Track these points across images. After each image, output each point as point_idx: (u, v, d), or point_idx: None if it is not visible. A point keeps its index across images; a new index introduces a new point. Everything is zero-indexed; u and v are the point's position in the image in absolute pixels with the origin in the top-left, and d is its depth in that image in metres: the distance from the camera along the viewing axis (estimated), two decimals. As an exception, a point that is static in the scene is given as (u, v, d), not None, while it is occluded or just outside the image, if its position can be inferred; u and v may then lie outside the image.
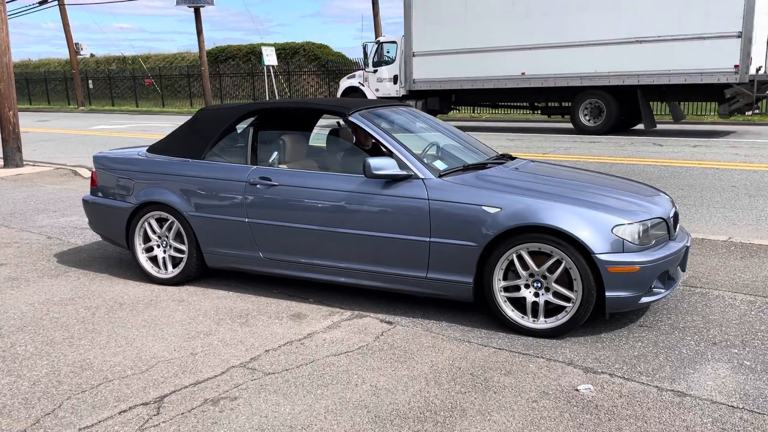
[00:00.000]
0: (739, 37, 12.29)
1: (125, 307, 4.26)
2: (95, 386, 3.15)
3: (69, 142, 16.25)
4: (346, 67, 30.69)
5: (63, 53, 30.89)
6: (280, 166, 4.53)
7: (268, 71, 27.44)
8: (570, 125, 16.32)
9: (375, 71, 18.53)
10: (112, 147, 14.47)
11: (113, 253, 5.62)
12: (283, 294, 4.47)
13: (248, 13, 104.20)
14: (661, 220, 3.70)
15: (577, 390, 3.02)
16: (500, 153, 4.80)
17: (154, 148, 4.93)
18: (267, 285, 4.66)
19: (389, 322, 3.93)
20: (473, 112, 24.09)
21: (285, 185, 4.21)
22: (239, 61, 37.54)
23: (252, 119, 4.63)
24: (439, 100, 17.53)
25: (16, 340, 3.72)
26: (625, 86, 14.12)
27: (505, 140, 14.07)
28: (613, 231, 3.47)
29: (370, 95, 18.55)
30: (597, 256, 3.42)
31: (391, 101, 5.02)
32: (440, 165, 4.10)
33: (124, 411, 2.92)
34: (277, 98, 28.53)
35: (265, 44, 29.56)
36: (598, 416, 2.80)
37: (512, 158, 4.68)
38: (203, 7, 28.15)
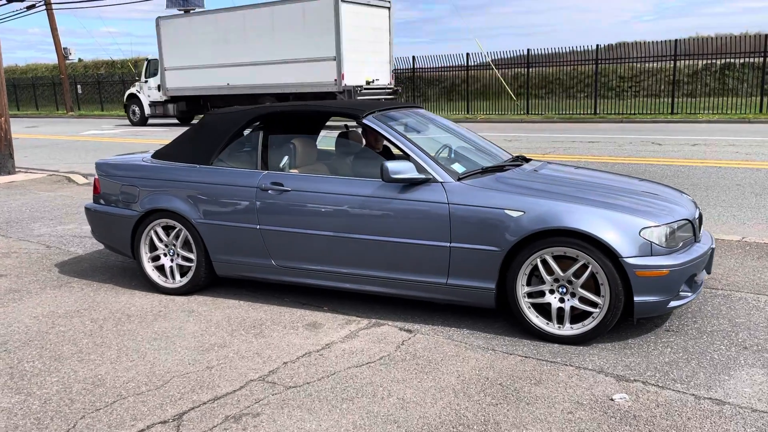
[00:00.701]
0: (334, 60, 18.54)
1: (133, 318, 4.12)
2: (110, 404, 3.02)
3: (60, 148, 16.02)
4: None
5: (50, 58, 30.77)
6: (290, 170, 4.41)
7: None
8: (552, 123, 16.26)
9: (146, 81, 24.48)
10: (105, 153, 14.34)
11: (116, 263, 5.47)
12: (295, 302, 4.35)
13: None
14: (687, 221, 3.62)
15: (612, 400, 2.92)
16: (515, 155, 4.71)
17: (159, 154, 4.80)
18: (278, 293, 4.53)
19: (408, 331, 3.82)
20: (468, 112, 24.06)
21: (298, 190, 4.09)
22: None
23: (261, 123, 4.51)
24: (186, 104, 23.00)
25: (22, 356, 3.57)
26: (281, 93, 20.04)
27: (503, 141, 14.00)
28: (641, 234, 3.38)
29: (145, 100, 24.43)
30: (625, 259, 3.33)
31: (400, 103, 4.91)
32: (458, 168, 4.00)
33: (143, 430, 2.79)
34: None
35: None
36: (638, 427, 2.70)
37: (527, 160, 4.59)
38: (194, 9, 27.91)
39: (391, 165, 3.73)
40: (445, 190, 3.75)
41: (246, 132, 4.57)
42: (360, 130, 4.73)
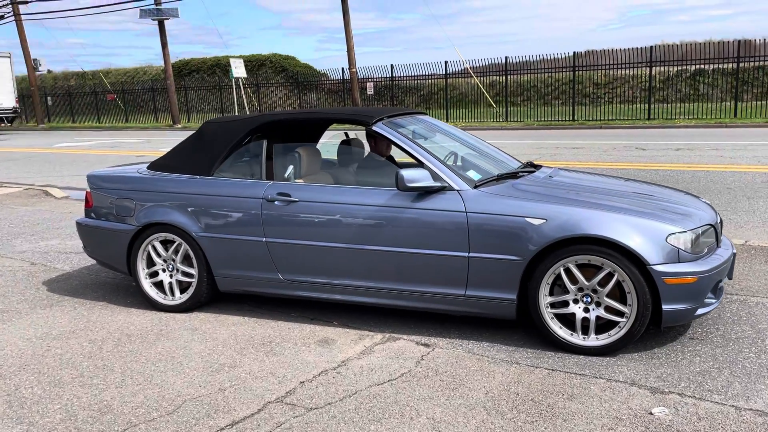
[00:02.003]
0: None
1: (134, 338, 3.90)
2: (120, 433, 2.82)
3: (34, 162, 15.55)
4: (314, 78, 30.42)
5: (16, 69, 30.28)
6: (296, 180, 4.25)
7: (237, 83, 26.98)
8: (532, 130, 16.33)
9: None
10: (81, 165, 13.94)
11: (107, 279, 5.23)
12: (303, 318, 4.18)
13: (214, 26, 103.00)
14: (710, 226, 3.55)
15: (651, 413, 2.82)
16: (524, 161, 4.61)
17: (156, 165, 4.59)
18: (283, 308, 4.36)
19: (426, 345, 3.68)
20: (447, 120, 24.08)
21: (307, 201, 3.93)
22: (204, 74, 36.89)
23: (263, 132, 4.34)
24: None
25: (19, 382, 3.34)
26: None
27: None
28: (668, 240, 3.30)
29: None
30: (653, 267, 3.24)
31: (405, 109, 4.79)
32: (474, 175, 3.88)
33: (160, 461, 2.59)
34: (248, 111, 28.04)
35: (232, 56, 29.08)
36: (683, 442, 2.59)
37: (536, 166, 4.50)
38: (167, 20, 27.55)
39: (406, 173, 3.60)
40: (462, 199, 3.62)
41: (248, 141, 4.39)
42: (366, 137, 4.58)
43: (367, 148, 4.81)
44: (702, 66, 22.28)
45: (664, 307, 3.28)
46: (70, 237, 6.78)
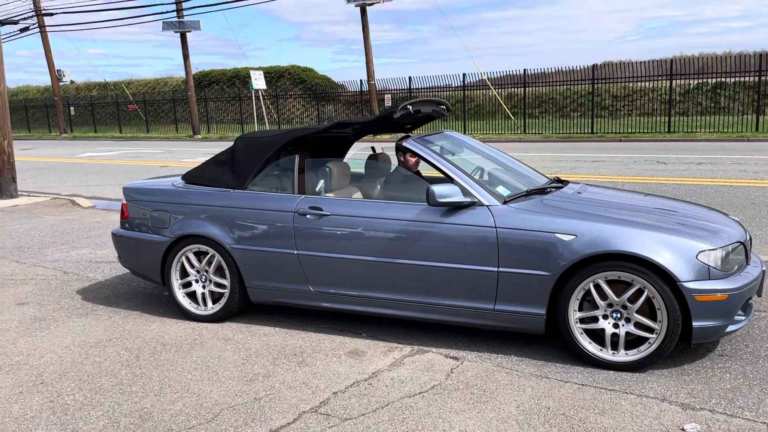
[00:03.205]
0: None
1: (169, 347, 4.00)
2: (161, 440, 2.90)
3: (59, 171, 15.86)
4: (332, 89, 30.68)
5: (40, 80, 30.77)
6: (326, 194, 4.34)
7: (256, 95, 27.29)
8: (551, 143, 16.32)
9: None
10: (106, 175, 14.18)
11: (139, 288, 5.35)
12: (332, 329, 4.25)
13: (232, 38, 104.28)
14: (740, 243, 3.58)
15: (683, 430, 2.84)
16: (551, 176, 4.66)
17: (190, 177, 4.70)
18: (313, 319, 4.43)
19: (455, 358, 3.73)
20: (465, 132, 24.15)
21: (338, 215, 4.02)
22: (223, 85, 37.38)
23: (295, 146, 4.44)
24: None
25: (61, 389, 3.45)
26: None
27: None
28: (698, 257, 3.33)
29: None
30: (683, 284, 3.27)
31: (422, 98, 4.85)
32: (503, 191, 3.94)
33: (202, 468, 2.67)
34: (267, 122, 28.34)
35: (252, 68, 29.43)
36: (716, 458, 2.62)
37: (563, 181, 4.55)
38: (189, 32, 27.99)
39: (437, 189, 3.67)
40: (492, 214, 3.69)
41: (280, 156, 4.49)
42: (396, 152, 4.67)
43: (394, 162, 4.90)
44: (722, 79, 22.17)
45: (695, 324, 3.31)
46: (100, 246, 6.93)
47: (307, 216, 4.09)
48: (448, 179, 3.89)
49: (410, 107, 4.16)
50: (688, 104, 24.18)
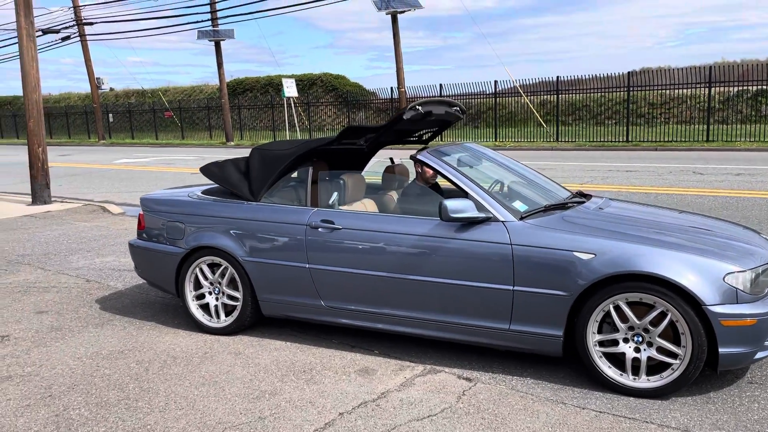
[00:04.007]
0: None
1: (179, 361, 3.97)
2: (161, 459, 2.84)
3: (93, 177, 16.19)
4: (363, 97, 30.74)
5: (82, 87, 31.44)
6: (340, 207, 4.26)
7: (288, 103, 27.51)
8: (584, 151, 15.98)
9: None
10: (138, 182, 14.42)
11: (156, 298, 5.35)
12: (344, 345, 4.16)
13: (267, 46, 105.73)
14: (770, 265, 3.37)
15: (705, 465, 2.67)
16: (574, 190, 4.50)
17: (208, 191, 4.72)
18: (325, 334, 4.35)
19: (468, 379, 3.60)
20: (496, 139, 23.91)
21: (350, 228, 3.94)
22: (257, 92, 37.80)
23: (311, 158, 4.38)
24: None
25: (68, 402, 3.43)
26: None
27: (538, 169, 13.77)
28: (725, 279, 3.14)
29: None
30: (709, 307, 3.09)
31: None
32: (520, 206, 3.81)
33: (198, 491, 2.60)
34: (298, 129, 28.53)
35: (284, 76, 29.70)
36: (741, 499, 2.44)
37: (586, 195, 4.39)
38: (224, 40, 28.40)
39: (450, 203, 3.56)
40: (507, 230, 3.55)
41: (294, 168, 4.43)
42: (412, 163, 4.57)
43: (412, 174, 4.80)
44: (764, 86, 21.45)
45: (721, 350, 3.12)
46: (125, 254, 6.99)
47: (319, 229, 4.02)
48: (462, 193, 3.78)
49: (420, 108, 4.04)
50: (728, 112, 23.48)
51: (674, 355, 3.23)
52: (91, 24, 31.69)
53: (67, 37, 32.06)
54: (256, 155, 4.51)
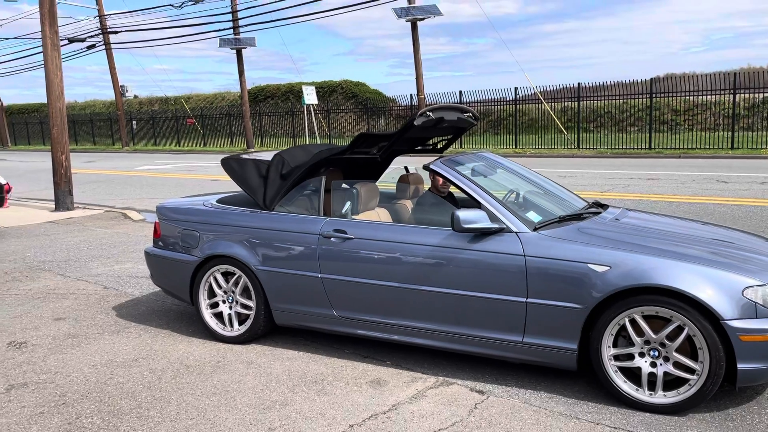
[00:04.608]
0: None
1: (192, 370, 3.98)
2: (170, 470, 2.85)
3: (116, 184, 16.41)
4: (383, 104, 30.79)
5: (106, 94, 31.96)
6: (353, 216, 4.25)
7: (308, 110, 27.66)
8: (605, 159, 15.76)
9: None
10: (159, 188, 14.58)
11: (172, 306, 5.38)
12: (356, 355, 4.14)
13: (287, 54, 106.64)
14: (793, 279, 3.27)
15: (723, 485, 2.59)
16: (590, 201, 4.44)
17: (223, 200, 4.75)
18: (338, 344, 4.34)
19: (480, 392, 3.55)
20: (516, 146, 23.76)
21: (362, 238, 3.92)
22: (278, 100, 38.07)
23: (325, 167, 4.38)
24: None
25: (81, 410, 3.46)
26: None
27: (557, 177, 13.65)
28: (744, 293, 3.06)
29: None
30: (727, 322, 3.02)
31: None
32: (534, 217, 3.76)
33: (205, 503, 2.60)
34: (317, 136, 28.67)
35: (305, 83, 29.89)
36: None
37: (602, 206, 4.32)
38: (245, 48, 28.68)
39: (462, 214, 3.53)
40: (520, 241, 3.51)
41: (307, 177, 4.44)
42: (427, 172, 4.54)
43: (427, 183, 4.77)
44: (791, 92, 21.03)
45: (740, 366, 3.04)
46: (143, 261, 7.05)
47: (332, 239, 4.01)
48: (475, 203, 3.74)
49: (431, 113, 4.02)
50: (754, 119, 23.06)
51: (692, 371, 3.15)
52: (116, 32, 32.24)
53: (93, 46, 32.66)
54: (278, 161, 4.50)
